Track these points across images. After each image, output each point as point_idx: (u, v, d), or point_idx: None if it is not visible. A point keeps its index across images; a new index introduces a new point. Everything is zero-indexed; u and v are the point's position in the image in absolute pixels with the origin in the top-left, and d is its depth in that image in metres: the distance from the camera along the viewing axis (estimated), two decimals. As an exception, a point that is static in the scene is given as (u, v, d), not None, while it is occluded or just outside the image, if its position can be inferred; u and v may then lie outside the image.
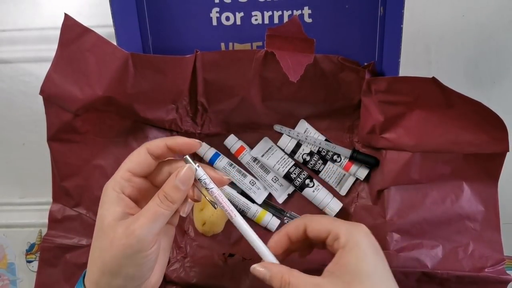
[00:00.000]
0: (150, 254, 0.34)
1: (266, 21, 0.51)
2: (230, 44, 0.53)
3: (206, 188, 0.37)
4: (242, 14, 0.51)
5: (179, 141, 0.36)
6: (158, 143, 0.36)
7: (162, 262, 0.38)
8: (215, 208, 0.38)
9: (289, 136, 0.55)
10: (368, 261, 0.34)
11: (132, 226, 0.33)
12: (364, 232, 0.35)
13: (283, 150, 0.56)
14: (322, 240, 0.36)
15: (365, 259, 0.33)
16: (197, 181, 0.37)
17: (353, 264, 0.33)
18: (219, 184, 0.37)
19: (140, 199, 0.37)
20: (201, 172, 0.36)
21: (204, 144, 0.56)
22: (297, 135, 0.55)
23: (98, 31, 0.46)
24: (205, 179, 0.36)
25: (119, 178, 0.35)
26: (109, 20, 0.46)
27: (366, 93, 0.48)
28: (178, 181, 0.35)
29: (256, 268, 0.35)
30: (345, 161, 0.54)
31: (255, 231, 0.38)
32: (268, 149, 0.56)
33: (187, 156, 0.36)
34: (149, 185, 0.37)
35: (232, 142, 0.56)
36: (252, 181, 0.56)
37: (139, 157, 0.36)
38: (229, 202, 0.37)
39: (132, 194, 0.36)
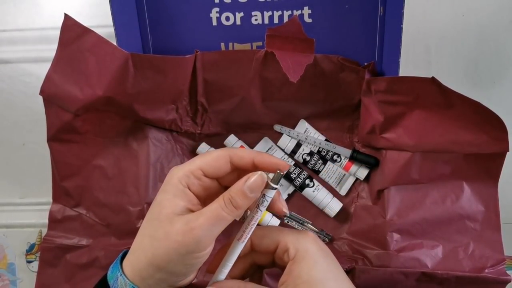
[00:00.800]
0: (203, 256, 0.33)
1: (266, 21, 0.51)
2: (230, 44, 0.53)
3: (257, 205, 0.34)
4: (242, 14, 0.51)
5: (268, 160, 0.34)
6: (244, 155, 0.34)
7: None
8: (238, 219, 0.36)
9: (289, 136, 0.55)
10: (320, 267, 0.33)
11: (192, 224, 0.31)
12: (312, 239, 0.35)
13: (283, 150, 0.56)
14: (270, 252, 0.36)
15: (316, 266, 0.33)
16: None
17: (306, 274, 0.33)
18: (277, 212, 0.36)
19: (204, 197, 0.35)
20: (272, 194, 0.34)
21: (204, 144, 0.56)
22: (297, 135, 0.55)
23: (98, 31, 0.46)
24: (266, 201, 0.34)
25: (189, 173, 0.33)
26: (109, 20, 0.46)
27: (366, 93, 0.48)
28: (247, 188, 0.32)
29: None
30: (345, 161, 0.54)
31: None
32: (268, 149, 0.56)
33: (281, 174, 0.33)
34: (216, 184, 0.35)
35: (232, 142, 0.56)
36: (252, 181, 0.56)
37: (217, 162, 0.34)
38: (252, 230, 0.35)
39: (197, 191, 0.34)
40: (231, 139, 0.56)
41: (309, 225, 0.54)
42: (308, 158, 0.55)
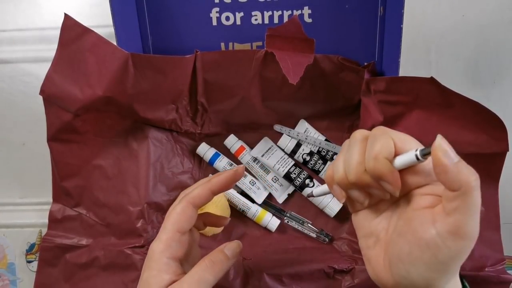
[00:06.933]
0: None
1: (266, 21, 0.51)
2: (230, 44, 0.53)
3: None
4: (242, 14, 0.51)
5: (221, 178, 0.36)
6: (201, 193, 0.35)
7: None
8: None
9: (289, 136, 0.55)
10: None
11: None
12: None
13: (283, 150, 0.56)
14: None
15: None
16: None
17: None
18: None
19: (186, 255, 0.36)
20: None
21: (204, 144, 0.56)
22: (297, 135, 0.55)
23: (98, 31, 0.46)
24: None
25: (170, 241, 0.34)
26: (109, 20, 0.46)
27: (366, 93, 0.48)
28: (227, 249, 0.35)
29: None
30: (345, 161, 0.54)
31: (254, 231, 0.38)
32: (268, 149, 0.56)
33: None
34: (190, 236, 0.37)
35: (232, 142, 0.56)
36: (252, 181, 0.56)
37: (186, 215, 0.35)
38: None
39: (182, 253, 0.35)
40: (231, 139, 0.56)
41: (309, 225, 0.54)
42: (308, 158, 0.55)
